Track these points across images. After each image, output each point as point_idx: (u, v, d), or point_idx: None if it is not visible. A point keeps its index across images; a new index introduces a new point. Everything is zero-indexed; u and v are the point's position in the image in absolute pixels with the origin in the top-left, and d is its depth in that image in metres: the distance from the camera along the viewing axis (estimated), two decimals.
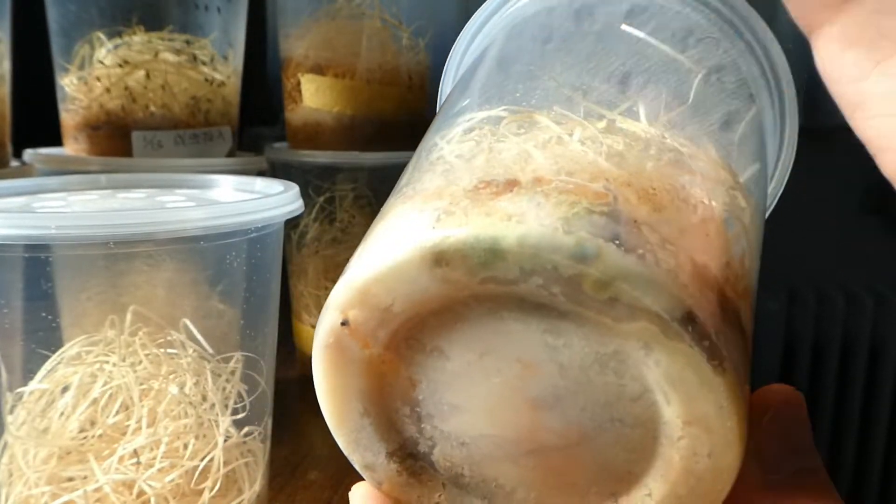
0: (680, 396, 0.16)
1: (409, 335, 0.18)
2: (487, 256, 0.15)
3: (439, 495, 0.20)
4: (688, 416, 0.16)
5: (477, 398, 0.18)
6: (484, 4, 0.27)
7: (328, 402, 0.19)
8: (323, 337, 0.18)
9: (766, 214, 0.26)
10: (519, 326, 0.17)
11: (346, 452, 0.20)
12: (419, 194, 0.18)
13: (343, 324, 0.17)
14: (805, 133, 0.27)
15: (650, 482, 0.17)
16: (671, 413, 0.16)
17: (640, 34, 0.22)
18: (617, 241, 0.15)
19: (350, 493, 0.20)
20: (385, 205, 0.19)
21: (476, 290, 0.16)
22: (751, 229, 0.20)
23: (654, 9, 0.23)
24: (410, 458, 0.19)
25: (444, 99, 0.28)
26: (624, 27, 0.23)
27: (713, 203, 0.18)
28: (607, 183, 0.17)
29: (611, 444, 0.17)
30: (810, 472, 0.17)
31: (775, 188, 0.27)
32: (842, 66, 0.15)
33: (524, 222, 0.15)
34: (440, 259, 0.16)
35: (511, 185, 0.17)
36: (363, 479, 0.20)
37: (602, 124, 0.19)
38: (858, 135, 0.17)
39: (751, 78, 0.24)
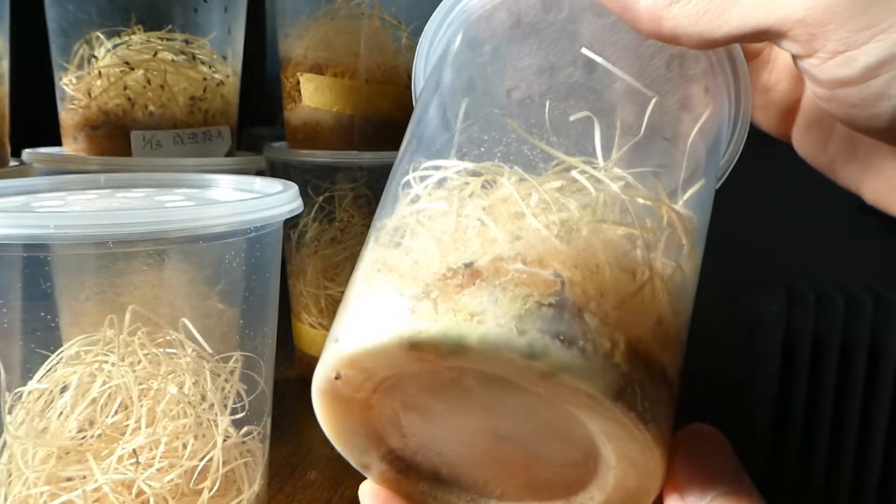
0: (613, 445, 0.19)
1: (392, 385, 0.21)
2: (455, 349, 0.18)
3: (422, 485, 0.24)
4: (619, 456, 0.20)
5: (449, 428, 0.22)
6: None
7: (328, 427, 0.22)
8: (320, 384, 0.21)
9: (719, 184, 0.28)
10: (480, 389, 0.20)
11: (344, 456, 0.23)
12: (393, 272, 0.20)
13: (336, 378, 0.20)
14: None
15: (593, 490, 0.21)
16: (607, 452, 0.20)
17: (603, 62, 0.24)
18: (561, 338, 0.18)
19: (359, 491, 0.24)
20: (363, 252, 0.22)
21: (445, 365, 0.19)
22: (688, 266, 0.22)
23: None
24: (398, 460, 0.23)
25: (417, 91, 0.30)
26: (584, 51, 0.24)
27: (653, 263, 0.20)
28: (557, 267, 0.19)
29: (560, 462, 0.21)
30: (728, 494, 0.19)
31: (730, 156, 0.29)
32: None
33: (484, 322, 0.18)
34: (415, 346, 0.19)
35: (474, 276, 0.19)
36: (362, 481, 0.24)
37: (557, 183, 0.21)
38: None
39: (709, 63, 0.25)
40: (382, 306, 0.20)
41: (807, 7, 0.18)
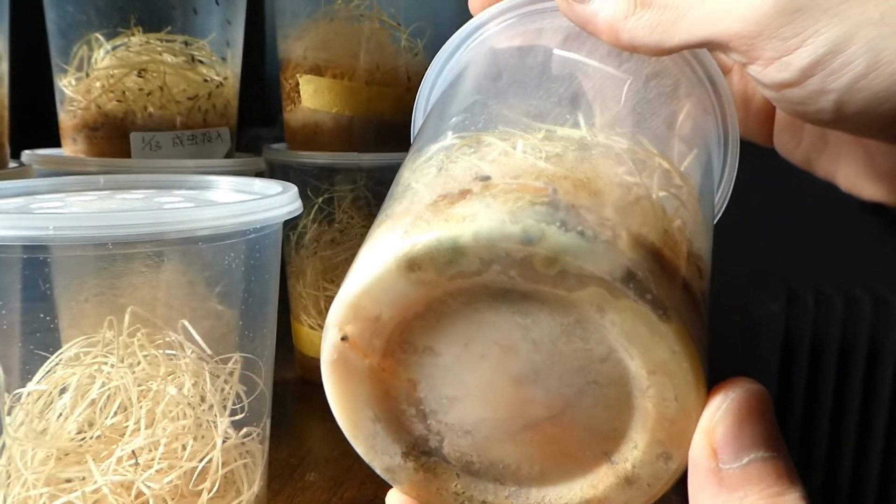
0: (638, 349, 0.18)
1: (402, 339, 0.20)
2: (451, 255, 0.18)
3: (455, 485, 0.22)
4: (649, 365, 0.18)
5: (469, 386, 0.20)
6: (454, 35, 0.29)
7: (341, 411, 0.21)
8: (328, 353, 0.20)
9: (720, 211, 0.29)
10: (491, 314, 0.19)
11: (366, 460, 0.22)
12: (390, 218, 0.20)
13: (343, 339, 0.20)
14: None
15: (633, 434, 0.20)
16: (635, 366, 0.19)
17: (576, 56, 0.25)
18: (558, 223, 0.18)
19: (386, 501, 0.22)
20: (367, 234, 0.22)
21: (448, 288, 0.18)
22: (690, 205, 0.22)
23: (585, 34, 0.25)
24: (424, 456, 0.21)
25: (416, 131, 0.30)
26: (557, 52, 0.25)
27: (647, 183, 0.20)
28: (547, 179, 0.19)
29: (592, 406, 0.20)
30: (764, 461, 0.18)
31: (724, 189, 0.30)
32: None
33: (476, 220, 0.18)
34: (412, 264, 0.18)
35: (464, 193, 0.19)
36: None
37: (541, 134, 0.22)
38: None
39: (685, 78, 0.26)
40: (378, 244, 0.19)
41: (741, 21, 0.20)
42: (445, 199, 0.19)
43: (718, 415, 0.18)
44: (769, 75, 0.21)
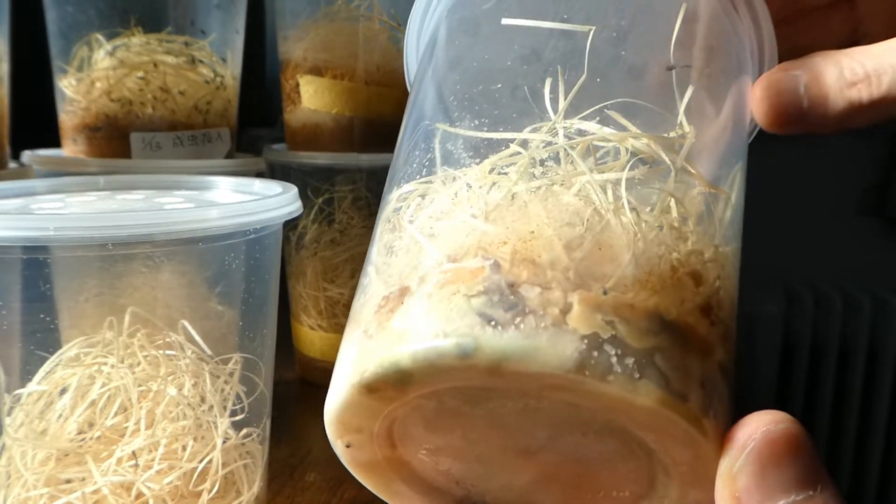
0: (628, 421, 0.17)
1: (402, 433, 0.20)
2: (399, 378, 0.17)
3: None
4: (647, 434, 0.17)
5: (484, 458, 0.20)
6: None
7: (384, 495, 0.21)
8: (345, 459, 0.21)
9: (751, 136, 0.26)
10: (470, 407, 0.18)
11: None
12: (351, 320, 0.20)
13: (348, 446, 0.20)
14: (803, 135, 0.27)
15: (662, 485, 0.19)
16: (637, 433, 0.17)
17: (530, 22, 0.22)
18: (492, 323, 0.16)
19: None
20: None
21: (415, 396, 0.18)
22: (711, 225, 0.20)
23: None
24: None
25: (410, 76, 0.29)
26: (506, 21, 0.23)
27: (607, 204, 0.18)
28: (486, 251, 0.18)
29: (611, 462, 0.19)
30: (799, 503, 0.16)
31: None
32: None
33: (412, 338, 0.17)
34: (369, 389, 0.18)
35: (403, 293, 0.18)
36: (361, 483, 0.22)
37: (487, 169, 0.20)
38: None
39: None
40: (341, 360, 0.19)
41: None
42: (387, 303, 0.18)
43: (740, 462, 0.17)
44: None
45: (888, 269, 1.16)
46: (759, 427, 0.17)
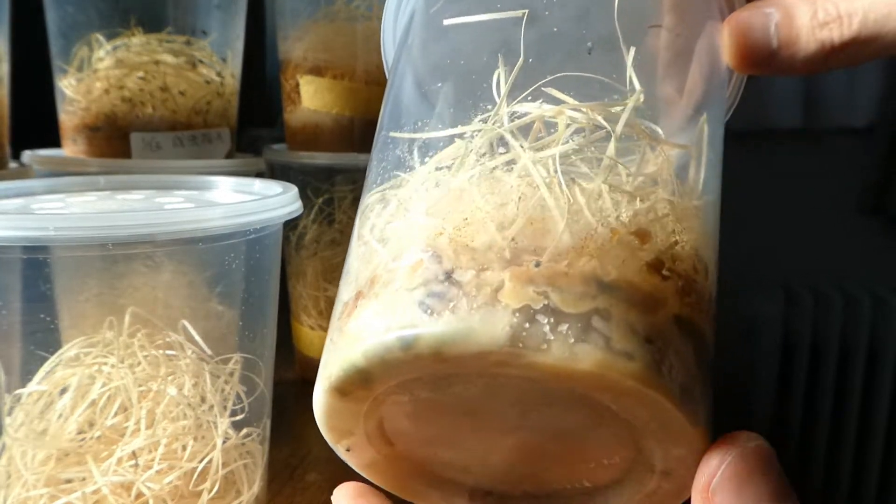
0: (590, 390, 0.17)
1: (394, 431, 0.20)
2: (359, 376, 0.18)
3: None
4: (612, 401, 0.17)
5: (474, 445, 0.20)
6: None
7: (398, 491, 0.22)
8: (351, 463, 0.21)
9: (731, 108, 0.26)
10: (440, 394, 0.18)
11: None
12: (330, 326, 0.20)
13: (348, 450, 0.21)
14: (803, 135, 0.27)
15: (649, 445, 0.18)
16: (605, 399, 0.17)
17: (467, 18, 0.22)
18: (429, 311, 0.17)
19: (333, 495, 0.23)
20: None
21: (385, 392, 0.18)
22: (672, 182, 0.20)
23: None
24: (488, 496, 0.22)
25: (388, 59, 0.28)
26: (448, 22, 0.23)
27: (529, 186, 0.18)
28: (424, 244, 0.18)
29: (596, 431, 0.19)
30: None
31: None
32: None
33: (363, 339, 0.17)
34: (340, 392, 0.18)
35: (358, 297, 0.19)
36: (362, 483, 0.23)
37: (433, 164, 0.20)
38: None
39: None
40: (319, 370, 0.20)
41: None
42: (346, 308, 0.19)
43: (716, 480, 0.17)
44: None
45: (888, 268, 1.16)
46: (736, 444, 0.17)
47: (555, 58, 0.21)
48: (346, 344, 0.18)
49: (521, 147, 0.19)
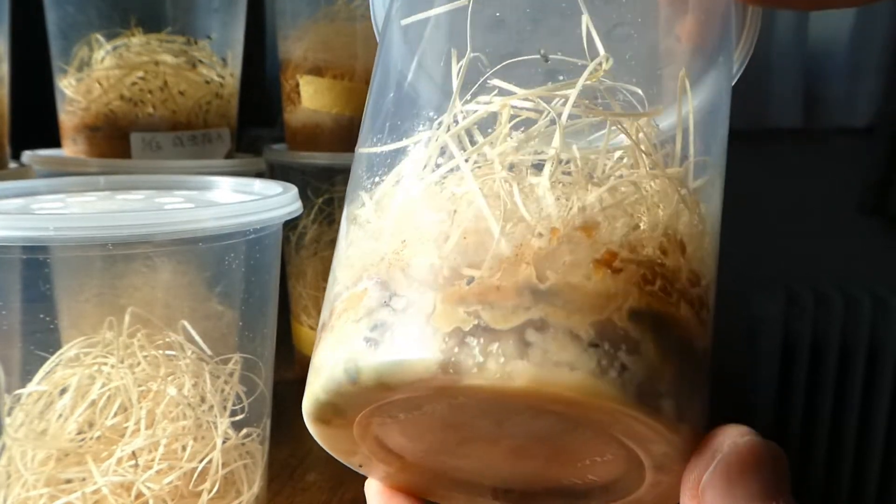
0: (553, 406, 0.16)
1: (395, 445, 0.20)
2: (328, 409, 0.18)
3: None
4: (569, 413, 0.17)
5: (469, 452, 0.20)
6: None
7: (436, 499, 0.22)
8: (369, 476, 0.21)
9: (738, 71, 0.24)
10: (413, 414, 0.18)
11: None
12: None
13: (360, 466, 0.21)
14: (803, 135, 0.27)
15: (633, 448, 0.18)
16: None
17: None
18: (370, 342, 0.16)
19: (365, 488, 0.23)
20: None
21: (360, 418, 0.18)
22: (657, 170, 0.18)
23: None
24: (508, 493, 0.22)
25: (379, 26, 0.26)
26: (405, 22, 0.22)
27: (461, 198, 0.17)
28: (368, 271, 0.18)
29: (574, 436, 0.18)
30: None
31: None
32: None
33: (320, 373, 0.17)
34: (320, 420, 0.18)
35: (322, 329, 0.19)
36: (361, 482, 0.23)
37: (394, 181, 0.19)
38: None
39: None
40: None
41: None
42: (322, 331, 0.19)
43: (706, 477, 0.16)
44: None
45: (889, 268, 1.16)
46: (726, 440, 0.17)
47: (538, 33, 0.20)
48: (312, 377, 0.18)
49: (463, 151, 0.18)
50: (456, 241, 0.17)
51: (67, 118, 0.55)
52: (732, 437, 0.17)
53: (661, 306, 0.17)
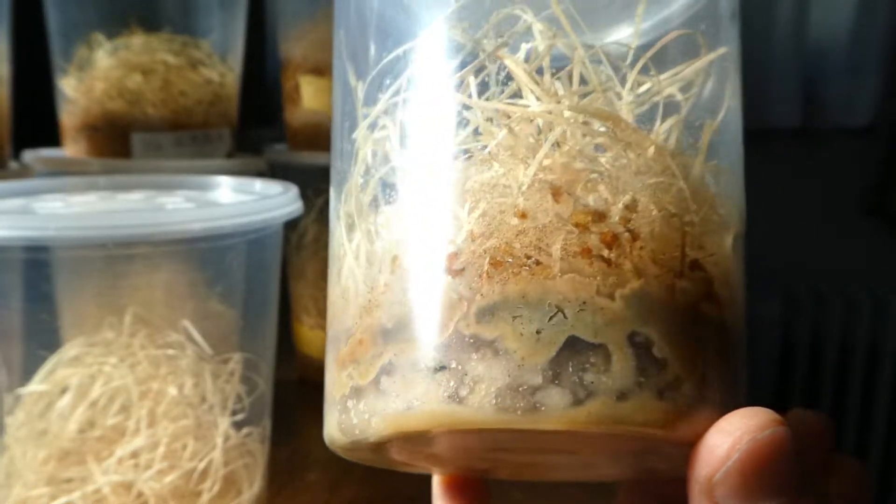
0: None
1: (423, 457, 0.19)
2: (339, 452, 0.18)
3: None
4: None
5: (498, 462, 0.20)
6: None
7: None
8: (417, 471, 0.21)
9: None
10: (413, 448, 0.18)
11: None
12: (329, 357, 0.18)
13: (404, 466, 0.20)
14: (803, 135, 0.27)
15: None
16: None
17: None
18: (352, 402, 0.16)
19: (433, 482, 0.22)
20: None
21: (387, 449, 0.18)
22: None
23: None
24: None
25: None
26: None
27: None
28: (358, 320, 0.16)
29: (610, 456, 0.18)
30: None
31: None
32: None
33: (329, 424, 0.17)
34: (345, 452, 0.18)
35: (326, 369, 0.18)
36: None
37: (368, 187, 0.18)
38: None
39: None
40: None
41: None
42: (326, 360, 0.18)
43: (719, 475, 0.15)
44: None
45: (889, 268, 1.16)
46: (745, 436, 0.15)
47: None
48: (325, 419, 0.18)
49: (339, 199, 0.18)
50: (352, 299, 0.17)
51: (68, 118, 0.55)
52: (752, 431, 0.16)
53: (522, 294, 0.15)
